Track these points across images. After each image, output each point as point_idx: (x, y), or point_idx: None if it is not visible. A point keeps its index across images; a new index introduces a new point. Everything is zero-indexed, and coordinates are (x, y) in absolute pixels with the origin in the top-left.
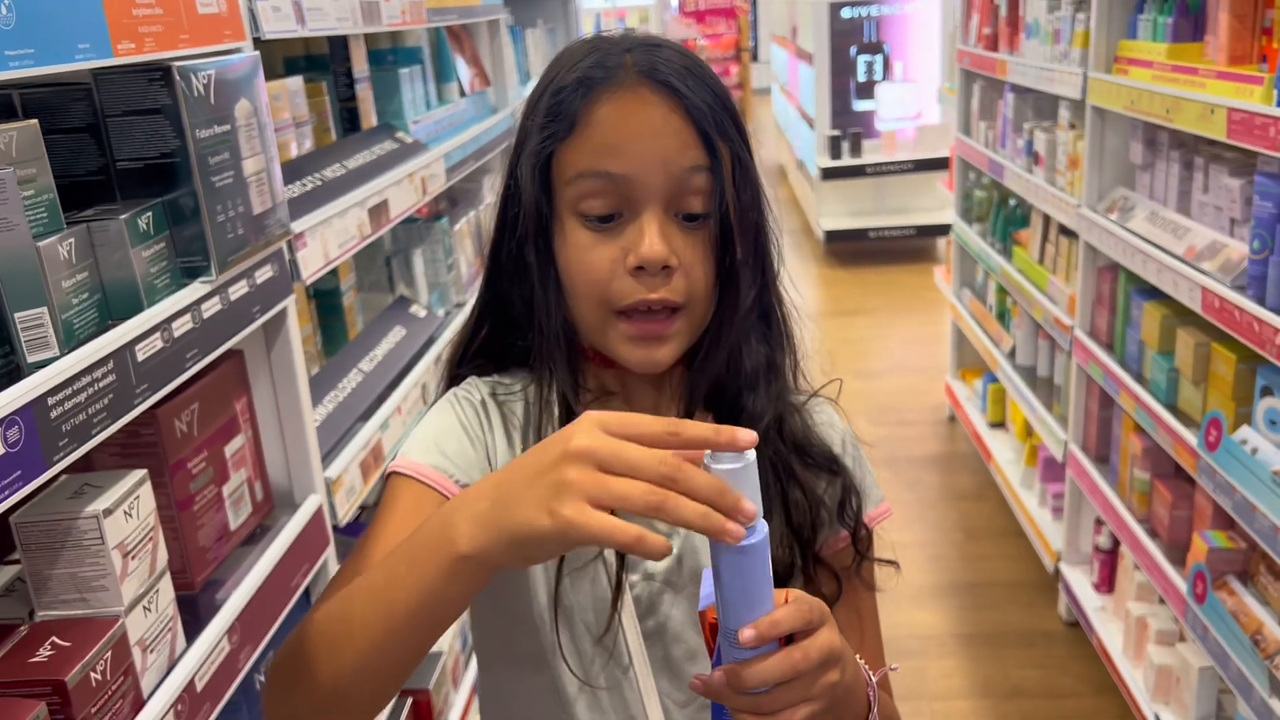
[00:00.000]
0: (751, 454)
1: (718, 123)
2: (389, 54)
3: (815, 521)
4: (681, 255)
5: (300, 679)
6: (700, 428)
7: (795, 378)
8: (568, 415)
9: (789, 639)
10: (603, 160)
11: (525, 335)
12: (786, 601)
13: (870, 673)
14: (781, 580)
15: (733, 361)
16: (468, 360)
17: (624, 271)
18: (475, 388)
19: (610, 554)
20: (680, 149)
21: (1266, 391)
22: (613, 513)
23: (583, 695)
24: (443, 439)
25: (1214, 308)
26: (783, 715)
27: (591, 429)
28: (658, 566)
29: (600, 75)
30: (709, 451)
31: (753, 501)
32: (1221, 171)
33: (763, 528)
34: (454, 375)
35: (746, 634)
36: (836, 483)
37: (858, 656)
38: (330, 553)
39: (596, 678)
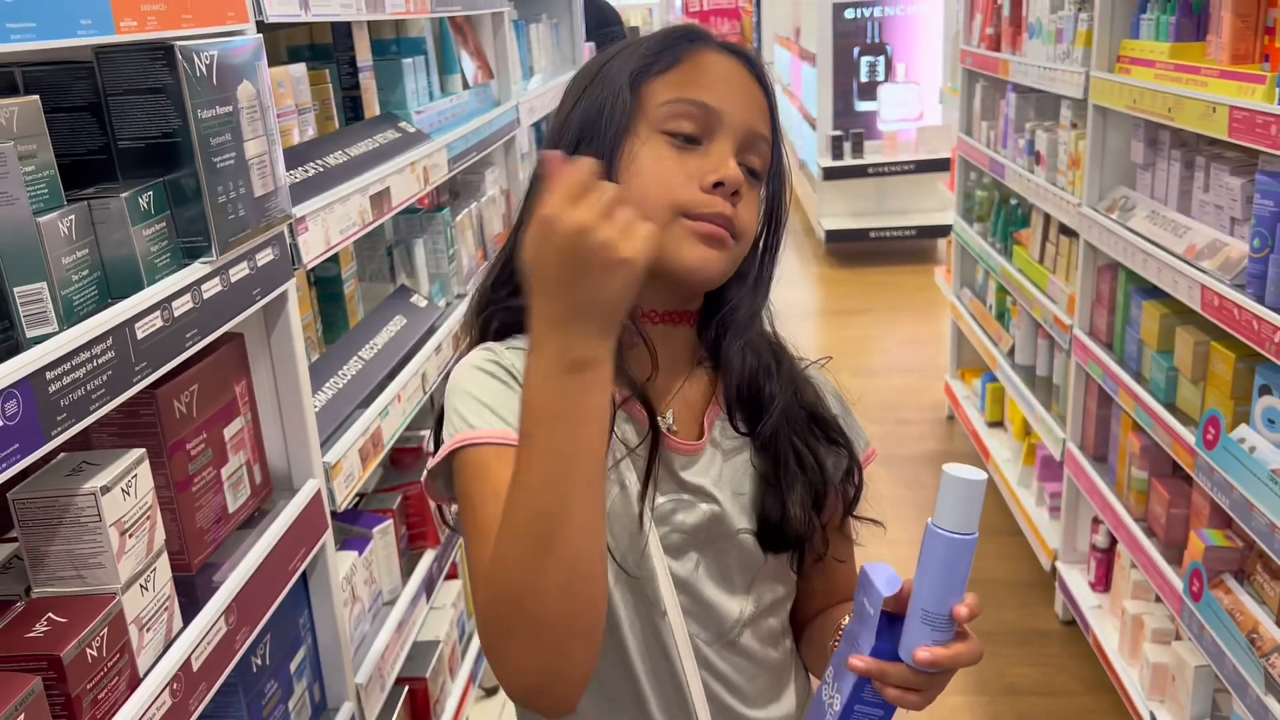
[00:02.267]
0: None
1: (775, 114)
2: (392, 44)
3: (823, 488)
4: (743, 193)
5: (519, 607)
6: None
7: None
8: None
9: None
10: (700, 91)
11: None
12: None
13: None
14: (799, 547)
15: (750, 348)
16: (497, 301)
17: (697, 187)
18: (485, 351)
19: (633, 488)
20: (758, 112)
21: (1265, 390)
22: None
23: (626, 631)
24: (498, 404)
25: (1213, 306)
26: (929, 695)
27: (550, 218)
28: (688, 520)
29: (700, 37)
30: (947, 466)
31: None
32: (1222, 171)
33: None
34: (483, 315)
35: (961, 611)
36: (842, 452)
37: None
38: (328, 537)
39: (633, 617)
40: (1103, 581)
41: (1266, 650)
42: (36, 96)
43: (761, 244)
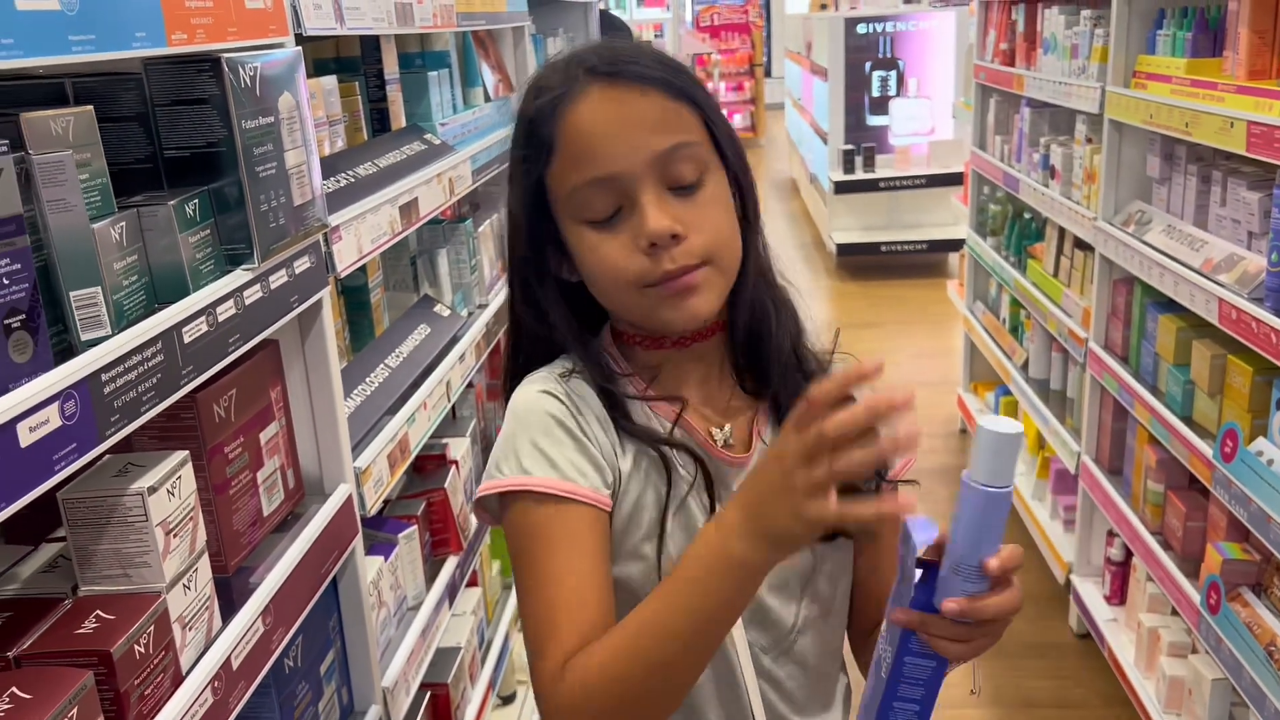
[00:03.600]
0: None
1: (681, 88)
2: (417, 57)
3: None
4: (685, 221)
5: (623, 709)
6: (835, 380)
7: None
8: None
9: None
10: (587, 169)
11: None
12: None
13: None
14: (843, 531)
15: (766, 342)
16: (520, 373)
17: (639, 254)
18: (541, 384)
19: (699, 514)
20: (655, 130)
21: None
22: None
23: None
24: (552, 447)
25: (1231, 319)
26: (978, 644)
27: (788, 437)
28: None
29: (561, 92)
30: (982, 419)
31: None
32: (1240, 185)
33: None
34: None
35: (992, 564)
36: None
37: None
38: (358, 542)
39: None
40: (1118, 595)
41: None
42: (90, 107)
43: (739, 214)
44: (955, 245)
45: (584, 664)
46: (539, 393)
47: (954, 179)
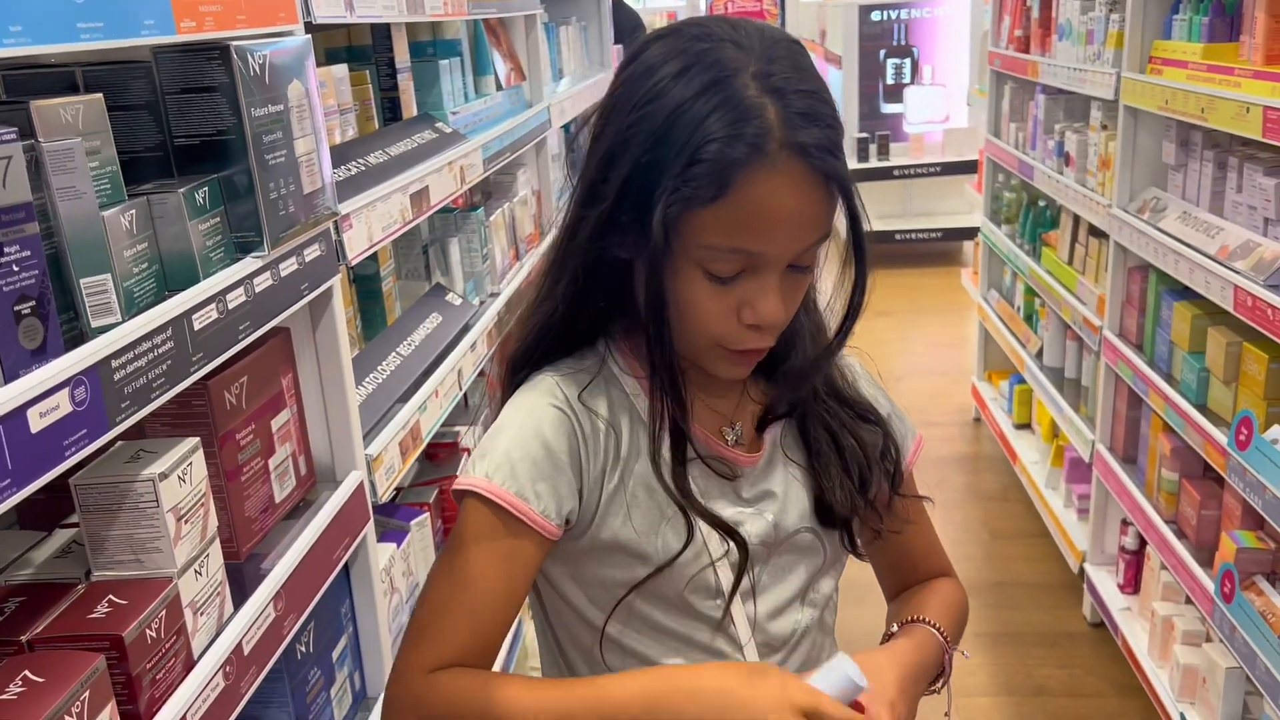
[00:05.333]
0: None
1: (849, 186)
2: (429, 45)
3: (868, 467)
4: (787, 302)
5: None
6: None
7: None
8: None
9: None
10: (744, 240)
11: (599, 324)
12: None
13: (945, 638)
14: (844, 524)
15: (787, 359)
16: (538, 357)
17: (737, 321)
18: (555, 392)
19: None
20: (814, 228)
21: None
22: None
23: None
24: (527, 466)
25: (1246, 306)
26: None
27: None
28: (754, 531)
29: (756, 147)
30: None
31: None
32: (1256, 171)
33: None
34: (517, 373)
35: None
36: (879, 433)
37: (929, 621)
38: (369, 528)
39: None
40: (1131, 583)
41: None
42: (100, 95)
43: (846, 300)
44: (970, 233)
45: (441, 686)
46: (548, 405)
47: (969, 167)
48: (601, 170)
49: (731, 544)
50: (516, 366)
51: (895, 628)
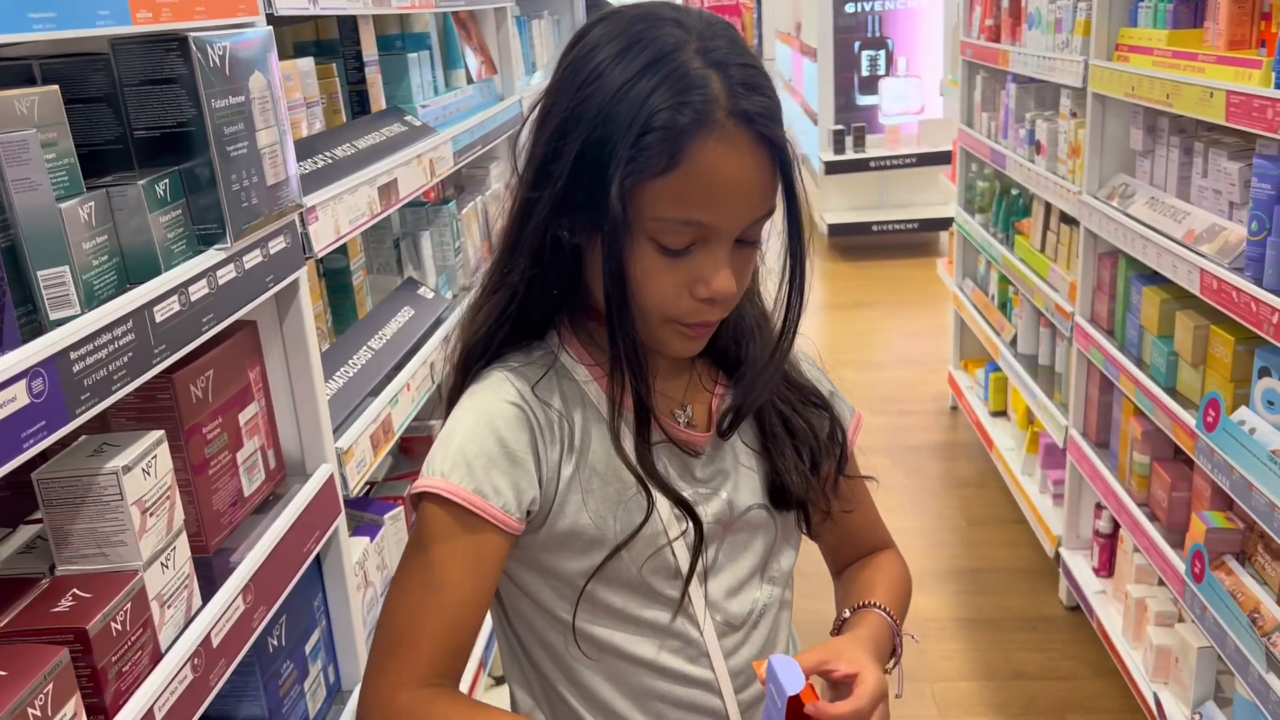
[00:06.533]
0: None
1: (789, 158)
2: (398, 39)
3: (818, 450)
4: (738, 276)
5: None
6: None
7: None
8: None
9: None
10: (695, 210)
11: (554, 309)
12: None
13: (895, 619)
14: (800, 505)
15: (732, 321)
16: (491, 352)
17: (688, 295)
18: (506, 387)
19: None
20: (762, 199)
21: (1264, 372)
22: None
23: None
24: (483, 462)
25: (1212, 289)
26: None
27: None
28: (709, 511)
29: (704, 118)
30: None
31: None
32: (1220, 155)
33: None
34: (471, 367)
35: None
36: (825, 415)
37: (878, 605)
38: (341, 521)
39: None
40: (1106, 567)
41: (1268, 629)
42: (56, 87)
43: (787, 288)
44: (945, 224)
45: (410, 712)
46: (501, 400)
47: (944, 158)
48: (551, 151)
49: (690, 523)
50: (472, 358)
51: (849, 613)
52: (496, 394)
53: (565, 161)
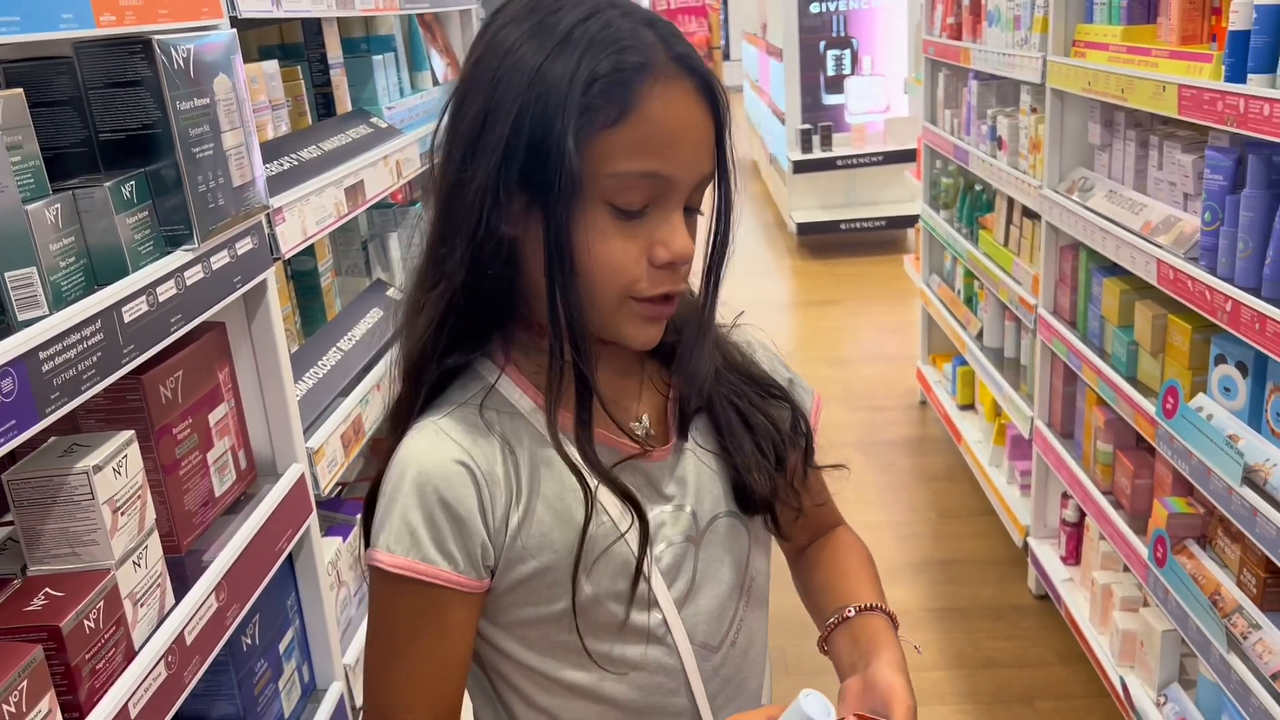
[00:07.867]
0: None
1: (724, 117)
2: (362, 42)
3: (782, 443)
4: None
5: None
6: None
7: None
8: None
9: None
10: (652, 160)
11: (495, 317)
12: None
13: (893, 618)
14: (766, 506)
15: (689, 357)
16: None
17: (646, 263)
18: (447, 444)
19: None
20: (709, 152)
21: (1220, 359)
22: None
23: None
24: (429, 529)
25: (1169, 279)
26: None
27: None
28: (677, 529)
29: (648, 63)
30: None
31: None
32: (1175, 148)
33: None
34: (420, 378)
35: None
36: (786, 406)
37: (879, 608)
38: (313, 520)
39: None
40: (1073, 555)
41: (1228, 611)
42: (20, 90)
43: (709, 254)
44: (913, 221)
45: None
46: (440, 459)
47: (909, 155)
48: (480, 125)
49: (634, 515)
50: (418, 369)
51: (853, 612)
52: (437, 452)
53: (499, 133)
